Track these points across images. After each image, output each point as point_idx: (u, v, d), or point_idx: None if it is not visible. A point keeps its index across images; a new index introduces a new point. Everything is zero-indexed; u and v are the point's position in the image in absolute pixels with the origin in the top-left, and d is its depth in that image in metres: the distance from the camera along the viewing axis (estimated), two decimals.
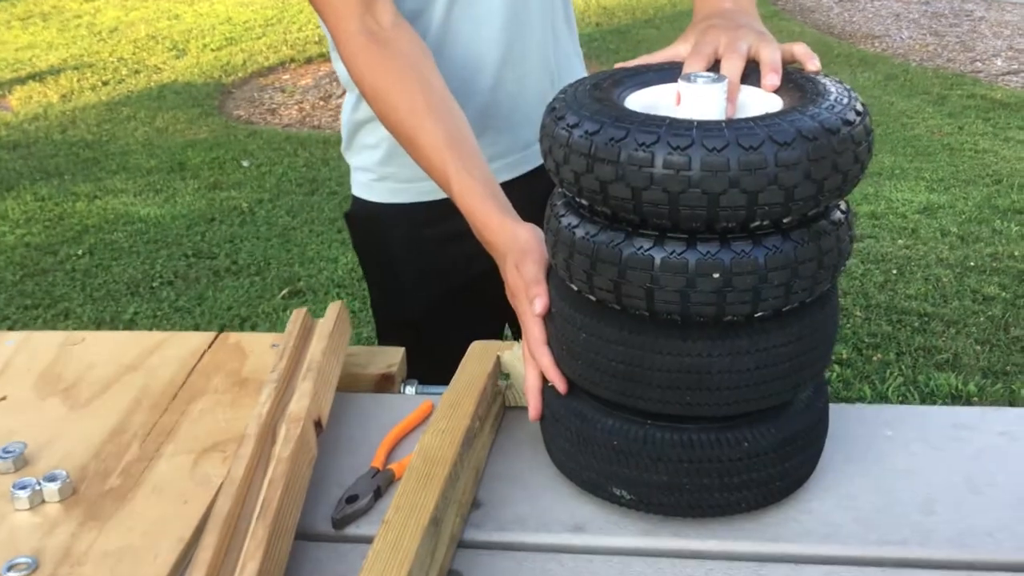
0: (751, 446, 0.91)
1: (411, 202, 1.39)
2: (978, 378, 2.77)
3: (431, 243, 1.40)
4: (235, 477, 0.93)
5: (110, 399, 1.16)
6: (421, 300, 1.45)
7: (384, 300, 1.51)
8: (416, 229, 1.41)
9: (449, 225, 1.35)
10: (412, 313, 1.46)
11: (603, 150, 0.82)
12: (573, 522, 0.97)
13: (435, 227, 1.39)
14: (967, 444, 1.06)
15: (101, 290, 3.67)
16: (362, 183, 1.43)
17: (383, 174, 1.40)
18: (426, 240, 1.41)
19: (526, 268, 1.02)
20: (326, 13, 1.19)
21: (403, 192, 1.39)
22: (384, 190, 1.41)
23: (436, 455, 0.95)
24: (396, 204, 1.40)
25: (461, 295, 1.42)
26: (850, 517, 0.96)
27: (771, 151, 0.79)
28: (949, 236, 3.74)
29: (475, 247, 1.35)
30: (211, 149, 5.35)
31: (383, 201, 1.41)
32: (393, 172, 1.38)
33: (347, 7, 1.16)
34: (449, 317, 1.43)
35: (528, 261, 1.02)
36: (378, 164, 1.39)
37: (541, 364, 1.00)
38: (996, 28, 7.25)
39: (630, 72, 0.99)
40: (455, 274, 1.41)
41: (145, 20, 8.89)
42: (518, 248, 1.04)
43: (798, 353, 0.90)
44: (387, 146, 1.36)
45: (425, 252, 1.42)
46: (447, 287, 1.43)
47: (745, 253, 0.83)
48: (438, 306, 1.44)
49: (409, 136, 1.15)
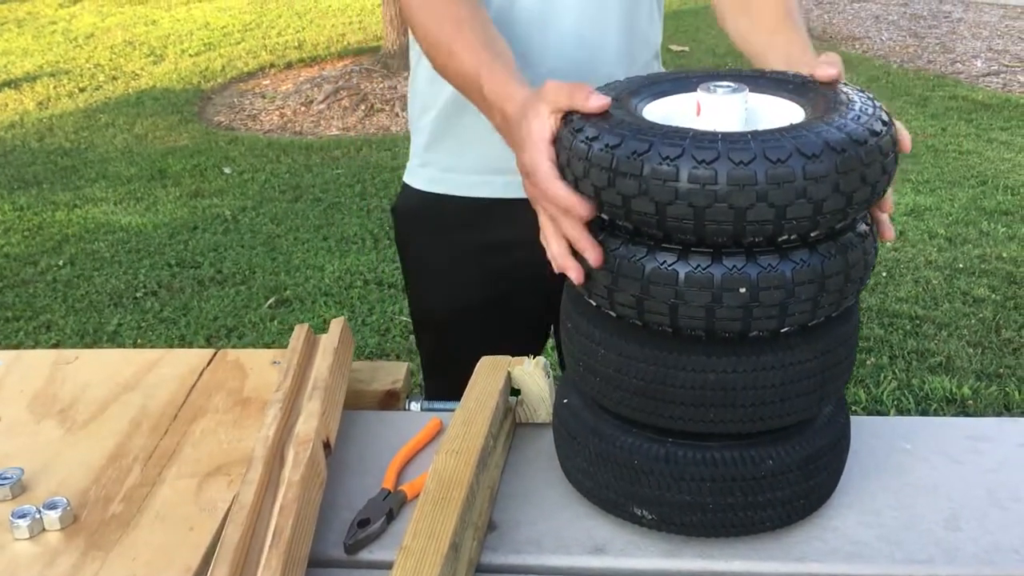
0: (776, 463, 0.89)
1: (445, 193, 1.36)
2: (972, 381, 2.77)
3: (466, 248, 1.38)
4: (244, 503, 0.90)
5: (108, 420, 1.13)
6: (447, 305, 1.42)
7: (415, 298, 1.49)
8: (452, 230, 1.38)
9: (484, 234, 1.35)
10: (438, 316, 1.45)
11: (625, 164, 0.80)
12: (592, 543, 0.95)
13: (471, 232, 1.36)
14: (987, 456, 1.04)
15: (83, 301, 3.61)
16: (410, 168, 1.43)
17: (425, 160, 1.38)
18: (460, 244, 1.38)
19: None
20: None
21: (439, 182, 1.37)
22: (424, 177, 1.39)
23: (452, 477, 0.92)
24: (431, 194, 1.38)
25: (480, 308, 1.39)
26: (874, 535, 0.94)
27: (799, 164, 0.77)
28: (937, 238, 3.75)
29: (508, 261, 1.33)
30: (192, 156, 5.29)
31: (421, 188, 1.39)
32: (433, 159, 1.37)
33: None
34: (473, 329, 1.40)
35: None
36: (422, 149, 1.38)
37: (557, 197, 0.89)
38: (974, 29, 7.30)
39: (645, 82, 0.97)
40: (485, 286, 1.38)
41: (121, 26, 8.81)
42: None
43: (823, 368, 0.88)
44: (431, 130, 1.35)
45: (458, 255, 1.39)
46: (474, 299, 1.39)
47: (772, 267, 0.81)
48: (464, 316, 1.41)
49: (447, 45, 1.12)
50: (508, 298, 1.38)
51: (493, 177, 1.31)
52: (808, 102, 0.90)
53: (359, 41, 7.83)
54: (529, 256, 1.27)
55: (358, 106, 6.19)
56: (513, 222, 1.21)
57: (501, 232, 1.32)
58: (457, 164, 1.33)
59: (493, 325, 1.40)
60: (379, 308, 3.43)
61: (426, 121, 1.36)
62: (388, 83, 6.44)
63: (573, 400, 0.99)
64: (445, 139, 1.33)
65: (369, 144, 5.42)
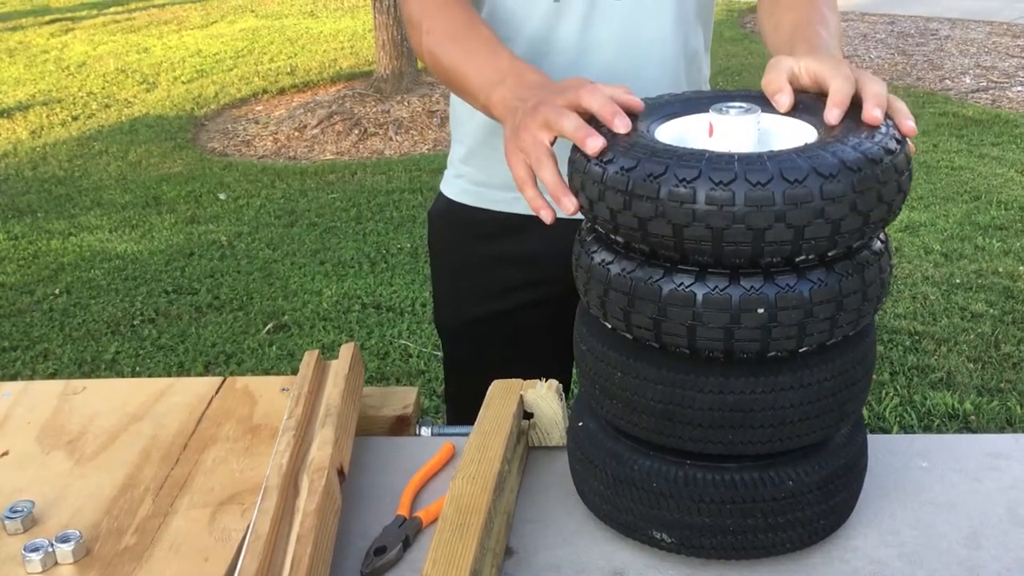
0: (795, 484, 0.89)
1: (476, 206, 1.38)
2: (973, 396, 2.77)
3: (483, 259, 1.39)
4: (260, 533, 0.89)
5: (118, 451, 1.12)
6: (459, 313, 1.44)
7: (435, 303, 1.51)
8: (474, 240, 1.40)
9: (503, 247, 1.37)
10: (452, 323, 1.46)
11: (641, 186, 0.80)
12: (611, 567, 0.94)
13: (491, 244, 1.38)
14: (1004, 473, 1.04)
15: (80, 329, 3.60)
16: (446, 177, 1.44)
17: (460, 171, 1.40)
18: (478, 254, 1.39)
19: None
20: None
21: (471, 194, 1.38)
22: (457, 188, 1.40)
23: (469, 503, 0.92)
24: (462, 204, 1.40)
25: (497, 323, 1.40)
26: (895, 554, 0.93)
27: (816, 184, 0.77)
28: (933, 254, 3.76)
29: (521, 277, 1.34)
30: (186, 182, 5.29)
31: (453, 198, 1.41)
32: (468, 172, 1.38)
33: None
34: (482, 341, 1.42)
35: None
36: (459, 160, 1.39)
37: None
38: (962, 46, 7.36)
39: (654, 103, 0.97)
40: (496, 299, 1.39)
41: (113, 54, 8.83)
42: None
43: (841, 387, 0.88)
44: (469, 143, 1.36)
45: (474, 266, 1.40)
46: (484, 311, 1.40)
47: (790, 287, 0.81)
48: (474, 326, 1.42)
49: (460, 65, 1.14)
50: (517, 314, 1.39)
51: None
52: (820, 121, 0.90)
53: (351, 66, 7.86)
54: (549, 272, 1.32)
55: (352, 130, 6.20)
56: (540, 238, 1.22)
57: (526, 246, 1.34)
58: (489, 179, 1.34)
59: (503, 340, 1.41)
60: (378, 332, 3.42)
61: (462, 134, 1.38)
62: (381, 107, 6.45)
63: (589, 423, 0.98)
64: (479, 154, 1.35)
65: (364, 168, 5.43)
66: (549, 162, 0.92)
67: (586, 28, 1.23)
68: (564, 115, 0.90)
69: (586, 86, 0.92)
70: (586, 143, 0.85)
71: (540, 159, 0.92)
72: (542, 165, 0.92)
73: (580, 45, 1.24)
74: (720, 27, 8.23)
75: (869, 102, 0.85)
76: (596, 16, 1.22)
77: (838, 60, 0.94)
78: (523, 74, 1.03)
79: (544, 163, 0.92)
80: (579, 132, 0.87)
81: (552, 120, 0.91)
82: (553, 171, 0.92)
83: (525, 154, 0.94)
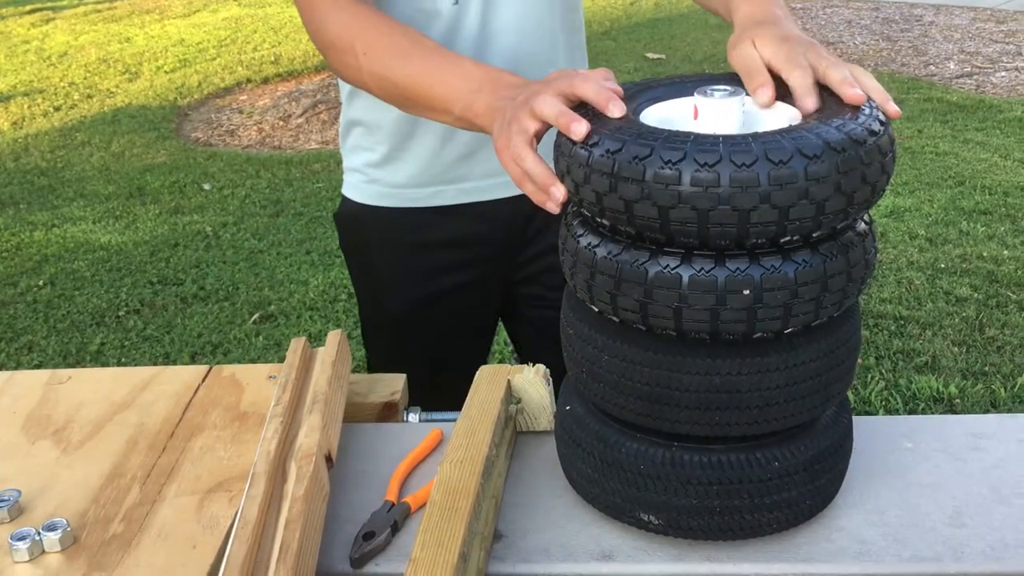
0: (782, 465, 0.89)
1: (396, 207, 1.40)
2: (958, 379, 2.79)
3: (412, 248, 1.42)
4: (248, 519, 0.89)
5: (104, 440, 1.11)
6: (398, 303, 1.45)
7: (366, 300, 1.53)
8: (399, 234, 1.42)
9: (430, 234, 1.40)
10: (390, 315, 1.47)
11: (627, 169, 0.80)
12: (600, 550, 0.94)
13: (418, 234, 1.41)
14: (988, 453, 1.05)
15: (65, 321, 3.58)
16: (352, 183, 1.44)
17: (373, 177, 1.40)
18: (407, 245, 1.42)
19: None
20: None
21: (390, 197, 1.40)
22: (373, 193, 1.41)
23: (457, 487, 0.92)
24: (382, 207, 1.41)
25: (437, 304, 1.43)
26: (880, 533, 0.94)
27: (801, 165, 0.77)
28: (918, 239, 3.78)
29: (454, 257, 1.39)
30: (170, 173, 5.26)
31: (371, 203, 1.42)
32: (382, 176, 1.39)
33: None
34: (426, 324, 1.44)
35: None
36: (370, 167, 1.39)
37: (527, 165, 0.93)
38: (946, 32, 7.39)
39: (639, 87, 0.97)
40: (432, 282, 1.42)
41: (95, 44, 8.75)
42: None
43: (827, 368, 0.88)
44: (383, 151, 1.37)
45: (404, 257, 1.43)
46: (423, 293, 1.43)
47: (775, 268, 0.81)
48: (415, 312, 1.44)
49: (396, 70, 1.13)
50: (455, 293, 1.42)
51: (445, 187, 1.36)
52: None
53: None
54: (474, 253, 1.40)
55: (336, 119, 6.18)
56: (460, 222, 1.34)
57: (448, 232, 1.39)
58: (408, 180, 1.36)
59: (442, 322, 1.44)
60: None
61: (373, 142, 1.37)
62: None
63: (576, 406, 0.99)
64: (395, 159, 1.36)
65: None
66: (530, 153, 0.92)
67: (487, 20, 1.26)
68: (547, 102, 0.90)
69: (578, 75, 0.91)
70: (570, 128, 0.85)
71: (520, 152, 0.92)
72: (524, 158, 0.92)
73: (483, 35, 1.27)
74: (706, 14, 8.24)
75: (841, 86, 0.86)
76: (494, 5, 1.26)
77: (791, 41, 0.94)
78: (500, 78, 1.03)
79: (525, 155, 0.92)
80: (562, 118, 0.87)
81: (536, 107, 0.91)
82: (536, 160, 0.92)
83: (511, 151, 0.94)
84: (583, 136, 0.84)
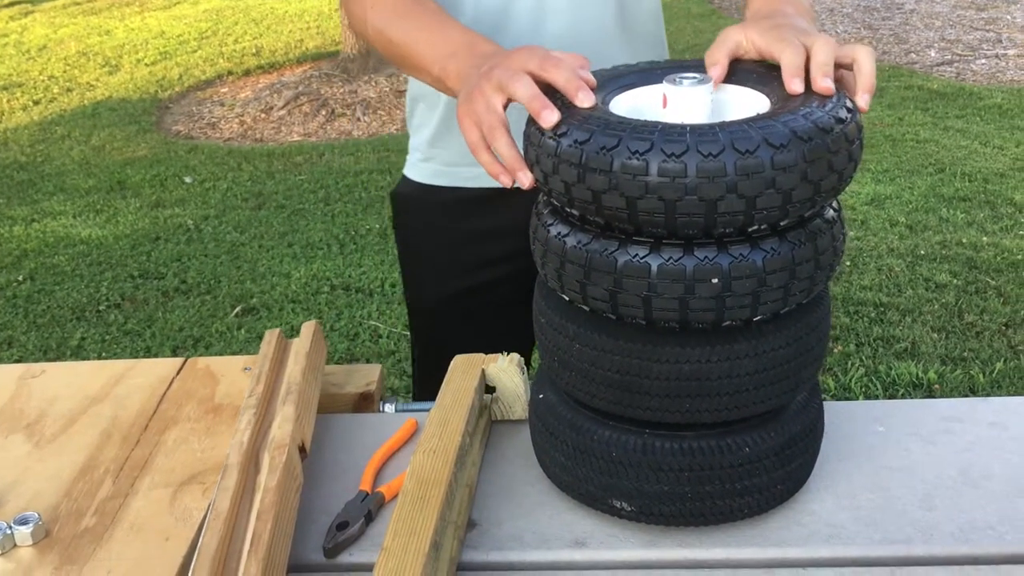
0: (752, 451, 0.90)
1: (449, 186, 1.38)
2: (937, 365, 2.81)
3: (457, 234, 1.40)
4: (220, 511, 0.89)
5: (77, 433, 1.11)
6: (437, 291, 1.44)
7: (408, 284, 1.51)
8: (446, 220, 1.40)
9: (479, 222, 1.38)
10: (428, 302, 1.46)
11: (595, 159, 0.80)
12: (573, 537, 0.95)
13: (467, 221, 1.39)
14: (959, 437, 1.06)
15: (45, 316, 3.56)
16: (411, 163, 1.44)
17: (428, 155, 1.39)
18: (453, 231, 1.40)
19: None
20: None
21: (444, 175, 1.38)
22: (428, 171, 1.40)
23: (430, 476, 0.92)
24: (435, 186, 1.40)
25: (477, 297, 1.41)
26: (851, 517, 0.95)
27: (767, 154, 0.78)
28: (898, 226, 3.80)
29: (496, 249, 1.35)
30: (151, 166, 5.23)
31: (424, 182, 1.41)
32: (438, 153, 1.38)
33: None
34: (462, 316, 1.42)
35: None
36: (426, 144, 1.39)
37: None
38: (927, 20, 7.41)
39: (610, 74, 0.97)
40: (472, 275, 1.41)
41: (75, 37, 8.69)
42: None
43: (796, 355, 0.89)
44: (436, 126, 1.36)
45: (450, 243, 1.41)
46: (464, 285, 1.42)
47: (743, 257, 0.82)
48: (453, 302, 1.43)
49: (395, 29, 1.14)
50: (497, 286, 1.40)
51: None
52: (773, 91, 0.90)
53: (317, 46, 7.78)
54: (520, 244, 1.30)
55: (319, 111, 6.16)
56: (509, 209, 1.26)
57: (496, 219, 1.35)
58: (462, 158, 1.32)
59: (483, 313, 1.41)
60: (347, 313, 3.41)
61: (429, 118, 1.37)
62: (348, 87, 6.40)
63: (549, 395, 0.99)
64: (449, 133, 1.34)
65: (331, 149, 5.39)
66: (503, 132, 0.91)
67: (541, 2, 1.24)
68: (519, 79, 0.89)
69: (550, 57, 0.90)
70: (541, 115, 0.85)
71: (493, 128, 0.91)
72: (496, 136, 0.91)
73: (536, 14, 1.24)
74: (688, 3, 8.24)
75: (816, 72, 0.86)
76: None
77: (784, 27, 0.94)
78: (476, 45, 1.03)
79: (498, 133, 0.91)
80: (535, 102, 0.86)
81: (505, 83, 0.90)
82: (508, 142, 0.91)
83: (478, 119, 0.92)
84: (552, 125, 0.84)
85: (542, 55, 0.91)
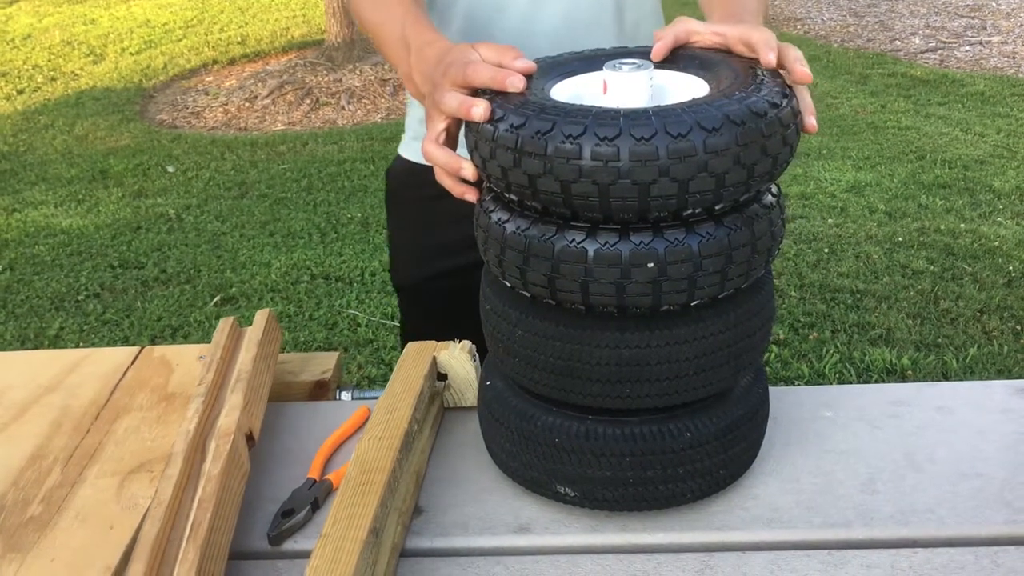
0: (694, 436, 0.90)
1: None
2: (911, 352, 2.82)
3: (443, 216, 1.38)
4: (163, 499, 0.89)
5: (28, 423, 1.11)
6: (422, 270, 1.45)
7: (394, 262, 1.53)
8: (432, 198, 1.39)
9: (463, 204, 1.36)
10: (413, 279, 1.47)
11: (530, 144, 0.80)
12: (517, 523, 0.95)
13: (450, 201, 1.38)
14: (905, 421, 1.06)
15: (23, 306, 3.55)
16: (404, 141, 1.46)
17: (419, 133, 1.40)
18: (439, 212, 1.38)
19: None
20: None
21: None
22: (417, 150, 1.41)
23: (373, 463, 0.92)
24: (423, 165, 1.39)
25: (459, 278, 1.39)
26: (793, 501, 0.95)
27: (699, 138, 0.78)
28: (877, 213, 3.81)
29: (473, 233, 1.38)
30: (134, 156, 5.21)
31: (414, 160, 1.42)
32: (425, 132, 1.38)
33: None
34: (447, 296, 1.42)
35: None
36: (417, 123, 1.40)
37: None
38: (913, 7, 7.41)
39: (553, 61, 0.97)
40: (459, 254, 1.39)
41: (60, 26, 8.64)
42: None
43: (736, 340, 0.89)
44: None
45: (436, 223, 1.42)
46: (447, 266, 1.42)
47: (679, 241, 0.82)
48: (439, 281, 1.43)
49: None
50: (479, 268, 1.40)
51: None
52: (713, 77, 0.90)
53: (302, 35, 7.75)
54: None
55: (303, 100, 6.14)
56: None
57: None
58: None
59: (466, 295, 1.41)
60: (327, 302, 3.41)
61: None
62: (333, 76, 6.39)
63: (496, 382, 0.99)
64: None
65: (315, 138, 5.38)
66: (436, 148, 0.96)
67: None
68: (446, 96, 0.91)
69: (470, 65, 0.91)
70: (471, 114, 0.86)
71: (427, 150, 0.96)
72: (431, 153, 0.96)
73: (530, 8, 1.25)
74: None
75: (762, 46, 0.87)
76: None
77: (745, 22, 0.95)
78: (421, 50, 1.03)
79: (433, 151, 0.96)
80: (461, 109, 0.88)
81: (440, 103, 0.93)
82: (442, 151, 0.95)
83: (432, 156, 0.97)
84: (484, 116, 0.85)
85: (462, 64, 0.92)
